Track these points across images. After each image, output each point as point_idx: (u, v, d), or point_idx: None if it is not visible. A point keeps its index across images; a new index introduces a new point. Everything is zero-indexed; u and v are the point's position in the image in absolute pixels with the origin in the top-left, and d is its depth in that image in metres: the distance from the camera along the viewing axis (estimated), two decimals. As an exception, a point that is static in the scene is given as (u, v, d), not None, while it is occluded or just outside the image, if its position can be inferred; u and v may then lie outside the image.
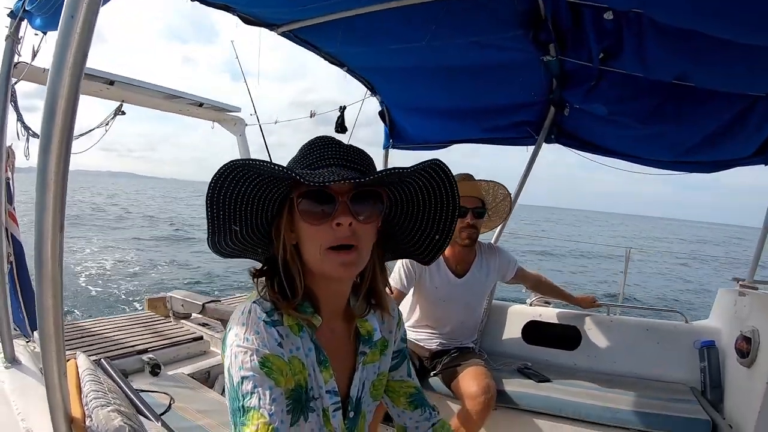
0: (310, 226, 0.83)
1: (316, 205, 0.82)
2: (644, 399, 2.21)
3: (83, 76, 0.85)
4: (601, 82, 2.27)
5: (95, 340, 2.65)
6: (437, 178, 0.89)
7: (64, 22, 0.80)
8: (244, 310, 0.84)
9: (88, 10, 0.79)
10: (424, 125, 3.25)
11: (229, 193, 0.84)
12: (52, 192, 0.86)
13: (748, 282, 2.49)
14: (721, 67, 1.84)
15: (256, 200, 0.87)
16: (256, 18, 2.21)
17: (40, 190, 0.86)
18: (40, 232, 0.88)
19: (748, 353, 2.07)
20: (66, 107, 0.83)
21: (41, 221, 0.87)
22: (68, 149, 0.86)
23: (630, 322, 2.71)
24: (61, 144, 0.84)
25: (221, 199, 0.85)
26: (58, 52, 0.81)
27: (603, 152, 2.84)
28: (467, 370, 2.21)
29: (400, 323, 1.10)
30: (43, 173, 0.86)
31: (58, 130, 0.83)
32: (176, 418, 1.86)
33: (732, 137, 2.29)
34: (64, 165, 0.86)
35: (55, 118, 0.83)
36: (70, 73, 0.81)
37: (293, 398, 0.85)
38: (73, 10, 0.79)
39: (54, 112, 0.83)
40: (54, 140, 0.84)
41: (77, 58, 0.81)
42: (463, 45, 2.21)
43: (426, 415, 1.12)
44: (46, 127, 0.83)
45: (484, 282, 2.46)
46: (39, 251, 0.89)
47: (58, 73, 0.81)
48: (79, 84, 0.83)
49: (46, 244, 0.89)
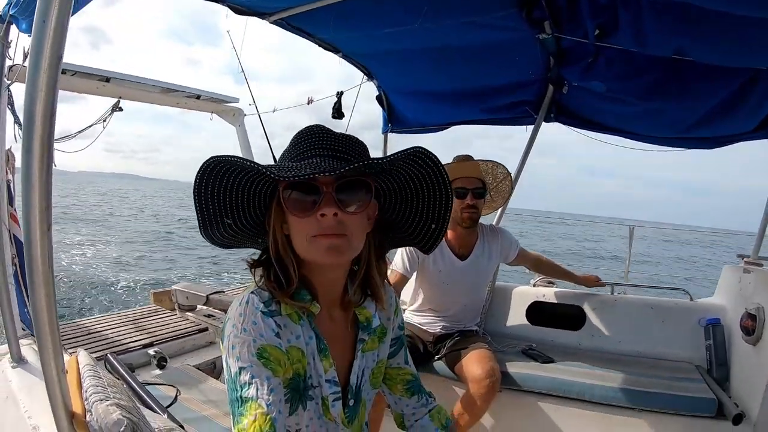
0: (296, 217, 0.84)
1: (301, 196, 0.83)
2: (649, 378, 2.21)
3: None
4: (599, 59, 2.24)
5: (102, 336, 2.69)
6: (425, 167, 0.88)
7: (37, 26, 0.80)
8: (242, 300, 0.85)
9: (60, 14, 0.79)
10: (422, 108, 3.23)
11: (216, 187, 0.86)
12: (37, 192, 0.87)
13: (753, 259, 2.46)
14: (719, 40, 1.80)
15: (244, 193, 0.88)
16: (246, 7, 2.19)
17: (26, 191, 0.87)
18: (28, 232, 0.89)
19: (753, 330, 2.06)
20: (44, 110, 0.83)
21: (28, 221, 0.88)
22: (50, 150, 0.87)
23: (634, 300, 2.70)
24: (42, 146, 0.85)
25: (208, 192, 0.86)
26: (33, 56, 0.81)
27: (603, 129, 2.81)
28: (471, 354, 2.22)
29: (398, 311, 1.11)
30: (27, 174, 0.86)
31: (39, 132, 0.84)
32: (182, 409, 1.88)
33: (733, 112, 2.25)
34: (47, 166, 0.87)
35: (34, 120, 0.83)
36: (46, 75, 0.82)
37: (291, 387, 0.86)
38: (45, 15, 0.79)
39: (33, 114, 0.83)
40: (35, 142, 0.84)
41: (52, 62, 0.81)
42: (457, 26, 2.18)
43: (423, 401, 1.13)
44: (26, 130, 0.84)
45: (486, 264, 2.46)
46: (29, 251, 0.90)
47: (34, 76, 0.81)
48: (56, 86, 0.83)
49: (35, 243, 0.89)
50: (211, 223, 0.89)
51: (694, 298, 2.67)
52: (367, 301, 1.00)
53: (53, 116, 0.85)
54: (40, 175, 0.86)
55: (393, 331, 1.09)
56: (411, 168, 0.88)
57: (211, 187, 0.86)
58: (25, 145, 0.85)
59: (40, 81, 0.81)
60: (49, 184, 0.89)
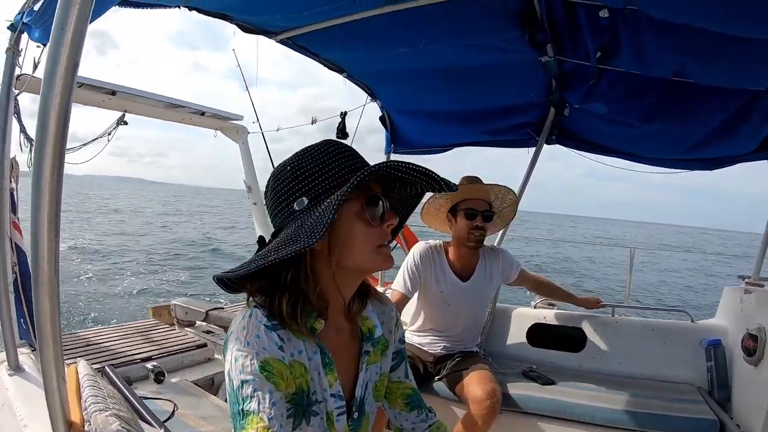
0: (368, 228, 0.87)
1: (378, 209, 0.87)
2: (651, 400, 2.19)
3: (77, 86, 0.86)
4: (601, 81, 2.27)
5: (100, 348, 2.67)
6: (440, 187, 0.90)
7: (55, 34, 0.81)
8: (245, 314, 0.85)
9: (78, 21, 0.81)
10: (424, 129, 3.27)
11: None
12: (47, 199, 0.87)
13: (754, 279, 2.46)
14: (720, 61, 1.83)
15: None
16: (254, 26, 2.24)
17: (35, 196, 0.87)
18: (36, 237, 0.89)
19: (755, 351, 2.05)
20: (58, 117, 0.84)
21: (37, 227, 0.88)
22: (62, 157, 0.87)
23: (635, 322, 2.69)
24: (54, 152, 0.85)
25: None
26: (50, 64, 0.82)
27: (604, 152, 2.84)
28: (472, 374, 2.20)
29: (399, 324, 1.11)
30: (37, 180, 0.87)
31: (51, 140, 0.84)
32: (179, 425, 1.86)
33: (733, 133, 2.28)
34: (58, 172, 0.87)
35: (48, 127, 0.84)
36: (62, 83, 0.82)
37: (294, 402, 0.85)
38: (63, 23, 0.80)
39: (47, 121, 0.84)
40: (47, 149, 0.85)
41: (68, 69, 0.82)
42: (461, 48, 2.23)
43: (422, 416, 1.12)
44: (39, 136, 0.85)
45: (488, 285, 2.45)
46: (35, 257, 0.90)
47: (50, 83, 0.82)
48: (71, 94, 0.84)
49: (42, 249, 0.89)
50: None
51: (695, 320, 2.66)
52: (370, 311, 1.01)
53: (66, 124, 0.86)
54: (50, 182, 0.87)
55: (394, 344, 1.09)
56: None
57: None
58: (38, 151, 0.86)
59: (55, 88, 0.82)
60: (60, 191, 0.89)
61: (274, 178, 0.89)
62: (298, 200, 0.85)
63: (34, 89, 2.28)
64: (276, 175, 0.89)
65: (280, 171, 0.89)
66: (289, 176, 0.86)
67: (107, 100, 2.96)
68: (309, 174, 0.85)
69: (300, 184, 0.85)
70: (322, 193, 0.84)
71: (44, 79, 0.84)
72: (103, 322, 8.21)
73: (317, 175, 0.85)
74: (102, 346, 2.72)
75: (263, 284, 0.88)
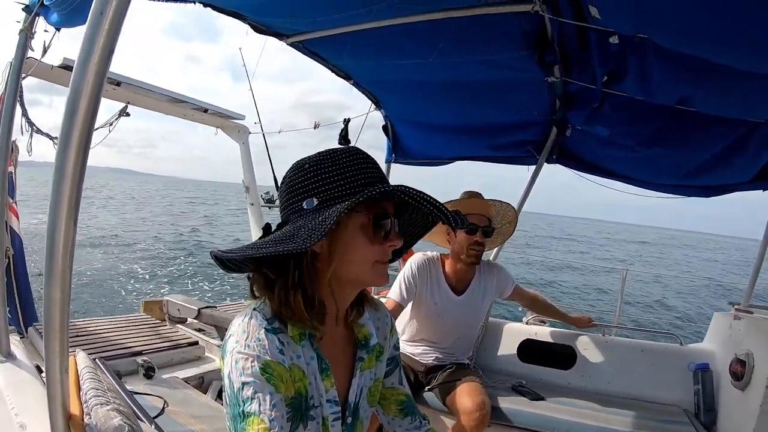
0: (369, 243, 0.87)
1: (384, 227, 0.88)
2: (637, 420, 2.21)
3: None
4: (604, 105, 2.30)
5: (90, 340, 2.63)
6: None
7: (93, 18, 0.80)
8: (244, 317, 0.85)
9: (117, 8, 0.80)
10: (426, 141, 3.29)
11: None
12: (68, 186, 0.86)
13: (744, 306, 2.51)
14: (722, 92, 1.88)
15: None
16: (267, 27, 2.25)
17: (57, 183, 0.86)
18: (54, 224, 0.88)
19: (742, 376, 2.08)
20: (88, 104, 0.83)
21: (55, 214, 0.87)
22: (87, 145, 0.87)
23: (625, 343, 2.72)
24: (81, 140, 0.84)
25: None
26: (85, 49, 0.81)
27: (603, 174, 2.87)
28: (462, 386, 2.20)
29: (393, 330, 1.12)
30: (61, 167, 0.85)
31: (79, 127, 0.83)
32: (169, 422, 1.84)
33: (731, 162, 2.33)
34: (82, 160, 0.86)
35: (77, 114, 0.83)
36: (95, 70, 0.81)
37: (293, 406, 0.85)
38: (103, 7, 0.79)
39: (76, 108, 0.83)
40: (74, 136, 0.84)
41: (103, 56, 0.81)
42: (470, 63, 2.25)
43: (416, 423, 1.13)
44: (67, 123, 0.84)
45: (482, 299, 2.47)
46: (51, 245, 0.89)
47: (83, 69, 0.81)
48: (103, 82, 0.83)
49: (59, 237, 0.88)
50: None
51: (684, 343, 2.70)
52: (366, 319, 1.01)
53: (95, 113, 0.86)
54: (74, 168, 0.86)
55: (389, 351, 1.09)
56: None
57: None
58: (63, 136, 0.85)
59: (88, 74, 0.81)
60: (81, 181, 0.89)
61: (292, 172, 0.90)
62: (308, 200, 0.85)
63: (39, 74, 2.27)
64: (294, 169, 0.90)
65: (300, 167, 0.89)
66: (306, 174, 0.87)
67: (111, 90, 2.94)
68: (325, 176, 0.85)
69: (314, 184, 0.86)
70: (333, 198, 0.84)
71: (77, 66, 0.82)
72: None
73: (332, 180, 0.85)
74: (92, 337, 2.69)
75: (268, 273, 0.88)
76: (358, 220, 0.86)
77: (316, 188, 0.85)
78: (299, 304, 0.84)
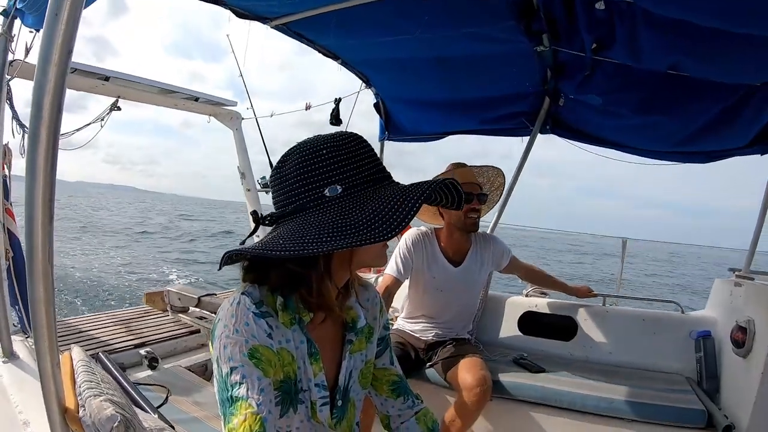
0: None
1: None
2: (640, 389, 2.22)
3: (70, 71, 0.85)
4: (595, 73, 2.28)
5: (94, 335, 2.67)
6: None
7: (49, 20, 0.81)
8: (233, 301, 0.84)
9: (72, 7, 0.80)
10: (419, 117, 3.26)
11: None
12: (41, 185, 0.86)
13: (744, 272, 2.49)
14: (714, 56, 1.84)
15: None
16: (248, 11, 2.22)
17: (30, 183, 0.87)
18: (31, 224, 0.88)
19: (743, 343, 2.07)
20: (52, 102, 0.84)
21: (31, 214, 0.88)
22: (56, 143, 0.87)
23: (626, 312, 2.71)
24: (48, 138, 0.85)
25: None
26: (44, 51, 0.82)
27: (597, 142, 2.84)
28: (463, 361, 2.22)
29: (383, 310, 1.11)
30: (32, 166, 0.86)
31: (46, 125, 0.84)
32: (173, 410, 1.87)
33: (727, 127, 2.29)
34: (52, 158, 0.87)
35: (42, 113, 0.84)
36: (56, 70, 0.82)
37: (282, 390, 0.86)
38: (57, 9, 0.80)
39: (41, 107, 0.84)
40: (42, 134, 0.85)
41: (62, 55, 0.82)
42: (456, 36, 2.21)
43: (409, 403, 1.13)
44: (33, 122, 0.84)
45: (479, 270, 2.47)
46: (30, 244, 0.90)
47: (44, 69, 0.82)
48: (65, 80, 0.84)
49: (37, 236, 0.89)
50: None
51: (685, 311, 2.69)
52: (353, 301, 1.01)
53: (60, 109, 0.86)
54: (45, 167, 0.86)
55: (379, 331, 1.09)
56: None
57: None
58: (32, 136, 0.85)
59: (50, 74, 0.82)
60: (54, 176, 0.89)
61: (303, 157, 0.85)
62: (331, 187, 0.82)
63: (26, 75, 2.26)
64: (305, 154, 0.85)
65: (313, 151, 0.84)
66: (325, 160, 0.83)
67: (100, 85, 2.93)
68: (346, 163, 0.84)
69: (336, 170, 0.83)
70: (356, 186, 0.83)
71: (38, 66, 0.83)
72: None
73: (352, 167, 0.83)
74: (95, 332, 2.73)
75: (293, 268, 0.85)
76: None
77: (339, 174, 0.82)
78: (329, 293, 0.86)
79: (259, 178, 3.65)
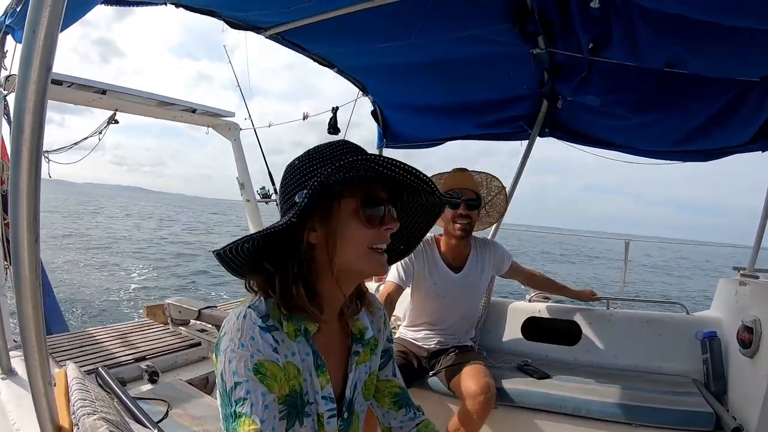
0: (363, 227, 0.85)
1: (377, 210, 0.86)
2: (646, 393, 2.19)
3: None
4: (593, 73, 2.26)
5: (94, 349, 2.65)
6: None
7: (27, 37, 0.80)
8: (239, 315, 0.83)
9: (49, 25, 0.79)
10: (416, 123, 3.25)
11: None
12: (24, 203, 0.86)
13: (749, 271, 2.46)
14: (711, 52, 1.83)
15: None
16: (242, 22, 2.22)
17: (13, 202, 0.86)
18: (16, 243, 0.88)
19: (750, 343, 2.04)
20: (33, 121, 0.83)
21: (16, 234, 0.87)
22: (38, 161, 0.86)
23: (630, 315, 2.68)
24: (30, 156, 0.84)
25: None
26: (23, 68, 0.81)
27: (597, 144, 2.83)
28: (466, 369, 2.19)
29: (387, 322, 1.11)
30: (14, 186, 0.85)
31: (27, 143, 0.83)
32: (174, 425, 1.85)
33: (726, 124, 2.27)
34: (35, 177, 0.86)
35: (23, 132, 0.83)
36: (35, 88, 0.81)
37: (288, 404, 0.85)
38: (35, 26, 0.79)
39: (21, 126, 0.83)
40: (23, 153, 0.84)
41: (41, 73, 0.81)
42: (451, 40, 2.21)
43: (410, 415, 1.12)
44: (15, 141, 0.84)
45: (480, 276, 2.45)
46: (16, 263, 0.89)
47: (24, 87, 0.81)
48: (45, 97, 0.83)
49: (23, 255, 0.89)
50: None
51: (690, 312, 2.66)
52: (361, 313, 1.00)
53: (42, 127, 0.85)
54: (28, 186, 0.86)
55: (383, 343, 1.08)
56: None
57: None
58: (14, 155, 0.85)
59: (29, 91, 0.81)
60: (37, 196, 0.88)
61: (285, 172, 0.90)
62: (300, 192, 0.84)
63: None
64: (287, 169, 0.91)
65: (291, 166, 0.89)
66: (296, 170, 0.88)
67: (97, 99, 2.93)
68: (313, 168, 0.85)
69: (303, 177, 0.85)
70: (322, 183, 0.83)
71: (18, 84, 0.82)
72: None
73: (321, 170, 0.83)
74: (95, 346, 2.71)
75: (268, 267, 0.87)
76: (348, 206, 0.85)
77: (306, 180, 0.85)
78: (302, 296, 0.84)
79: (259, 189, 3.64)
